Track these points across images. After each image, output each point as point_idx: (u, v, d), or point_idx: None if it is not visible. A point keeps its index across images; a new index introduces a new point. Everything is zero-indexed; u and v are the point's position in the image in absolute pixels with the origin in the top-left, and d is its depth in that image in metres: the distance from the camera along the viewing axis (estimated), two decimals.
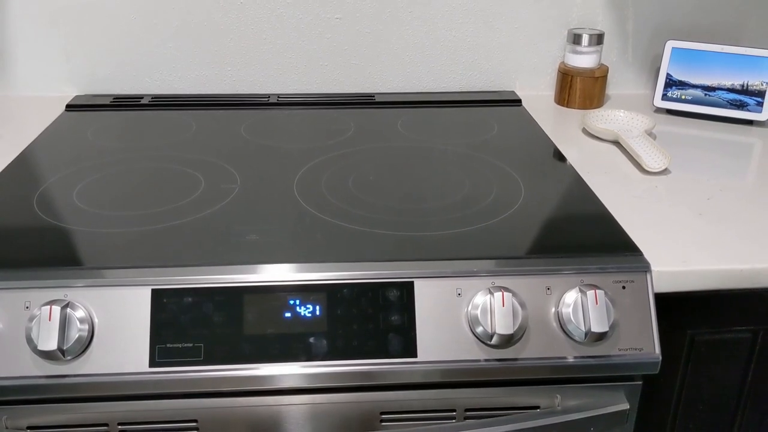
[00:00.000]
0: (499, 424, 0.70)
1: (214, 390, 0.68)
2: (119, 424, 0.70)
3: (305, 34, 1.22)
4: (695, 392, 0.83)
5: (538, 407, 0.74)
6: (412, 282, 0.70)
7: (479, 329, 0.69)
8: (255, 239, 0.76)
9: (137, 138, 1.05)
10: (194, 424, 0.71)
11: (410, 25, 1.23)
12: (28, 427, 0.70)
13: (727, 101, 1.15)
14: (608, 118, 1.12)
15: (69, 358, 0.66)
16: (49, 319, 0.65)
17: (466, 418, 0.73)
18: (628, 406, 0.74)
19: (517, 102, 1.22)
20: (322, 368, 0.68)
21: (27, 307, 0.67)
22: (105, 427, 0.70)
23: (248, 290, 0.69)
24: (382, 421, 0.73)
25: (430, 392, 0.72)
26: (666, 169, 0.96)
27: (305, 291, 0.69)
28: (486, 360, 0.69)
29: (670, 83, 1.18)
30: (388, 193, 0.88)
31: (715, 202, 0.87)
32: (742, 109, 1.14)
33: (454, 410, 0.73)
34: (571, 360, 0.70)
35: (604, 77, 1.21)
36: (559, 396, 0.73)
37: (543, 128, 1.10)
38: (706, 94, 1.16)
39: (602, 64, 1.22)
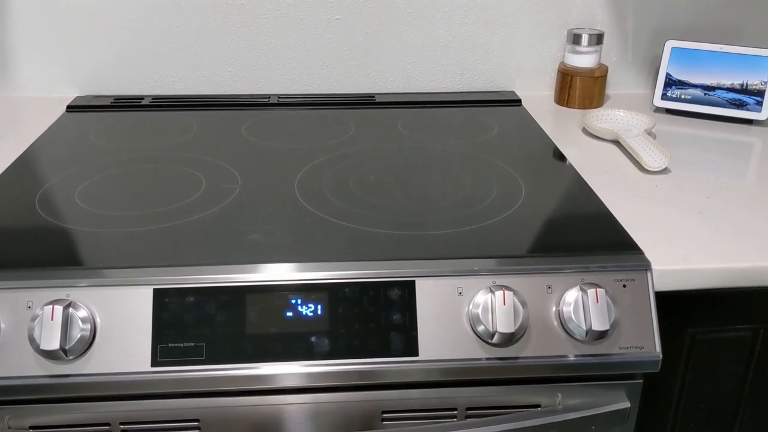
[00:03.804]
0: (500, 422, 0.70)
1: (216, 389, 0.68)
2: (121, 423, 0.70)
3: (305, 35, 1.22)
4: (696, 391, 0.83)
5: (539, 406, 0.74)
6: (414, 281, 0.70)
7: (480, 328, 0.69)
8: (256, 239, 0.76)
9: (138, 138, 1.05)
10: (196, 423, 0.71)
11: (410, 25, 1.23)
12: (30, 427, 0.70)
13: (727, 101, 1.15)
14: (608, 118, 1.13)
15: (71, 357, 0.66)
16: (52, 319, 0.65)
17: (467, 417, 0.73)
18: (629, 405, 0.74)
19: (517, 102, 1.23)
20: (324, 367, 0.68)
21: (29, 307, 0.67)
22: (107, 427, 0.70)
23: (250, 289, 0.69)
24: (383, 420, 0.73)
25: (431, 391, 0.72)
26: (666, 168, 0.96)
27: (307, 290, 0.69)
28: (487, 359, 0.70)
29: (670, 83, 1.18)
30: (388, 192, 0.88)
31: (715, 200, 0.88)
32: (741, 109, 1.14)
33: (455, 409, 0.73)
34: (572, 358, 0.70)
35: (604, 77, 1.22)
36: (560, 395, 0.74)
37: (543, 128, 1.11)
38: (705, 94, 1.16)
39: (602, 64, 1.23)
